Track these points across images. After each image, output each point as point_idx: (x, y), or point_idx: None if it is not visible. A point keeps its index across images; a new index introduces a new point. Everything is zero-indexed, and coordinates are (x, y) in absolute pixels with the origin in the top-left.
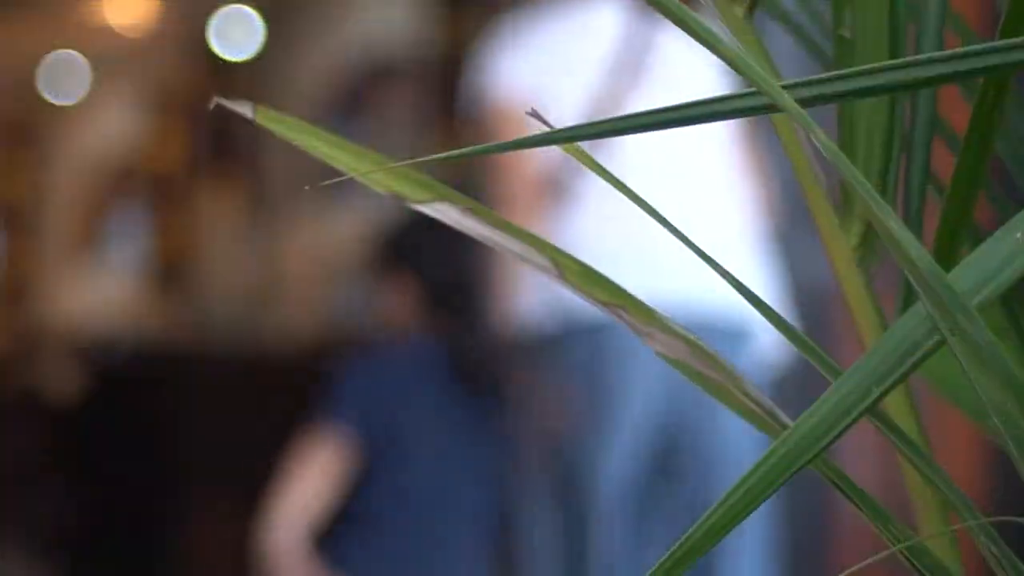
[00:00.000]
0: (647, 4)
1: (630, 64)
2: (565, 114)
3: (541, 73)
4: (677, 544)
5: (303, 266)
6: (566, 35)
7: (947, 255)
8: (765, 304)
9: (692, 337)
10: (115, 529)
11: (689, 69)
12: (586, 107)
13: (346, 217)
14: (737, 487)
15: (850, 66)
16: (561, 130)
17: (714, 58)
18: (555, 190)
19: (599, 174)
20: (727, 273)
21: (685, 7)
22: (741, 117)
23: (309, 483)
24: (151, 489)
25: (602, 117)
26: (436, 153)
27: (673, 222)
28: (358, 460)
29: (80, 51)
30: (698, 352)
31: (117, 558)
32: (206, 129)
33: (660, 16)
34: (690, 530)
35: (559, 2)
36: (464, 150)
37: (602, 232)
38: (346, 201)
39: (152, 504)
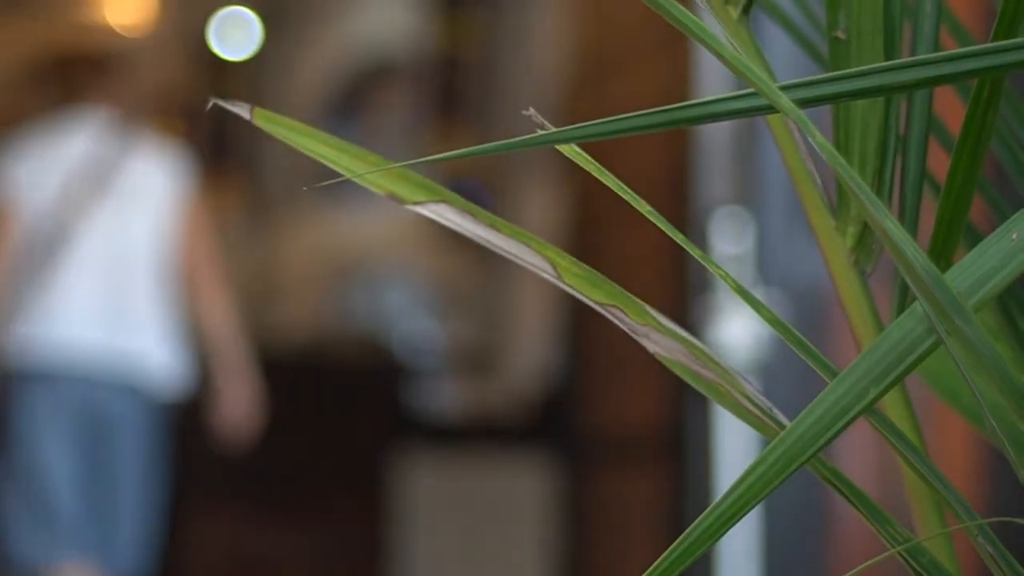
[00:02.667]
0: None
1: (96, 175)
2: (44, 204)
3: (30, 174)
4: (677, 541)
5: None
6: (54, 147)
7: (943, 255)
8: (764, 306)
9: (689, 337)
10: None
11: (148, 182)
12: (57, 204)
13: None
14: (736, 486)
15: (846, 67)
16: (560, 131)
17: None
18: (29, 257)
19: (598, 175)
20: (736, 284)
21: (682, 8)
22: (738, 118)
23: None
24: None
25: (66, 213)
26: (433, 154)
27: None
28: None
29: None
30: (695, 352)
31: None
32: (205, 129)
33: (130, 141)
34: (691, 527)
35: (54, 123)
36: (463, 151)
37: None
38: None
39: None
